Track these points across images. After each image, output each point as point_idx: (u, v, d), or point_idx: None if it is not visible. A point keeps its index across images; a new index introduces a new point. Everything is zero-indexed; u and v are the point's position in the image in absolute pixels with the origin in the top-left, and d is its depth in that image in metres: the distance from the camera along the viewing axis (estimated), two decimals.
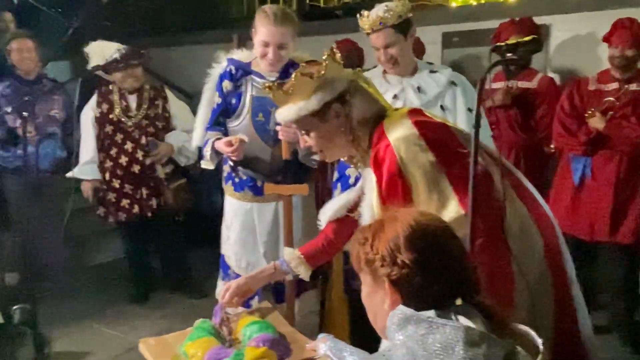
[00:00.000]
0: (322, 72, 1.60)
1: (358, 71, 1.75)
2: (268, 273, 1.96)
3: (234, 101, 2.64)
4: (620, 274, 3.26)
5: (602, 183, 3.12)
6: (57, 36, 6.18)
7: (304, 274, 1.94)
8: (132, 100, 3.67)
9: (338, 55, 1.65)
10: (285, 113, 1.68)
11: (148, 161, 3.62)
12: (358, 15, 2.40)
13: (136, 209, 3.65)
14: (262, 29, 2.47)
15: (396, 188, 1.55)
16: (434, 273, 1.06)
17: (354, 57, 4.05)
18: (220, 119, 2.68)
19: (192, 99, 4.88)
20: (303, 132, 1.71)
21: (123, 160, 3.61)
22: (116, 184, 3.64)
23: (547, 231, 1.68)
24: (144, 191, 3.64)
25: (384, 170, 1.57)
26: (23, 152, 3.41)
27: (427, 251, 1.07)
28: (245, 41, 5.38)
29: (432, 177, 1.54)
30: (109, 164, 3.64)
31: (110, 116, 3.63)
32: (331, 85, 1.62)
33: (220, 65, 2.71)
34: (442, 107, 2.36)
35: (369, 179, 1.66)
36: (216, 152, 2.60)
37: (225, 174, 2.81)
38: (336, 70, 1.64)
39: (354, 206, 1.84)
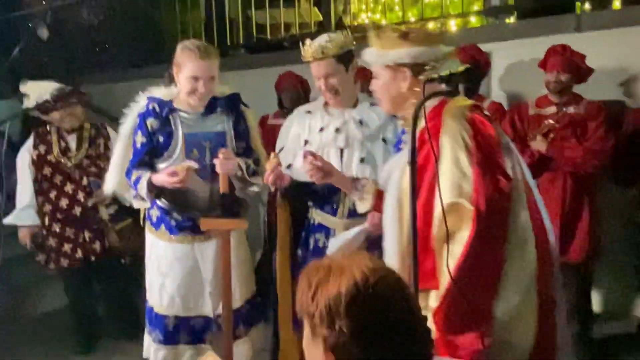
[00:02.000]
0: (421, 33, 1.80)
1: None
2: (343, 179, 2.15)
3: (161, 139, 2.55)
4: (573, 293, 3.28)
5: (549, 204, 3.15)
6: None
7: (364, 206, 2.08)
8: (72, 140, 3.57)
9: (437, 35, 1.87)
10: (366, 55, 1.87)
11: (90, 203, 3.50)
12: (301, 44, 2.38)
13: (79, 253, 3.51)
14: (190, 64, 2.45)
15: (427, 153, 1.65)
16: (375, 344, 0.98)
17: (298, 89, 4.04)
18: (145, 159, 2.57)
19: None
20: (374, 77, 1.88)
21: (63, 203, 3.49)
22: (57, 228, 3.51)
23: (543, 247, 1.72)
24: (87, 234, 3.51)
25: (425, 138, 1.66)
26: None
27: (369, 320, 0.98)
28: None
29: (460, 158, 1.64)
30: (48, 207, 3.51)
31: (49, 157, 3.52)
32: (413, 49, 1.76)
33: (138, 104, 2.63)
34: (384, 139, 2.34)
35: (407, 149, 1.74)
36: (150, 189, 2.50)
37: (154, 220, 2.68)
38: (427, 42, 1.78)
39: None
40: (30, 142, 3.57)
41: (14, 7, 7.03)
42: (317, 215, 2.41)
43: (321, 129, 2.36)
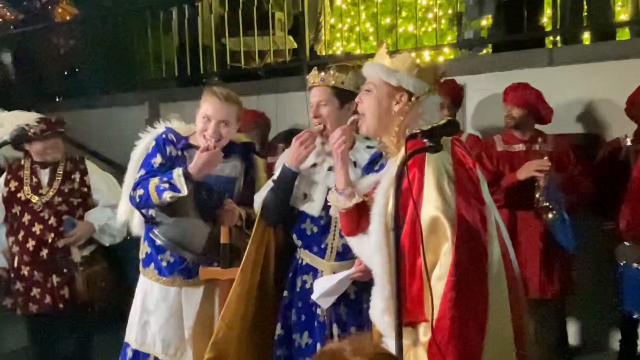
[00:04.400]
0: (427, 68, 1.86)
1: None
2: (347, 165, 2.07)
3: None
4: (551, 328, 3.26)
5: (529, 241, 3.14)
6: None
7: (345, 204, 2.02)
8: (44, 175, 3.28)
9: (441, 72, 1.92)
10: (373, 67, 1.89)
11: (61, 244, 3.19)
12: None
13: (48, 299, 3.21)
14: (206, 104, 2.48)
15: (412, 180, 1.69)
16: None
17: (261, 125, 4.02)
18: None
19: (118, 170, 4.61)
20: (366, 89, 1.90)
21: (30, 244, 3.20)
22: (25, 271, 3.22)
23: (512, 283, 1.75)
24: (55, 279, 3.21)
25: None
26: None
27: None
28: (156, 107, 5.27)
29: (444, 186, 1.68)
30: (16, 248, 3.23)
31: (19, 195, 3.24)
32: (418, 82, 1.83)
33: (155, 131, 2.61)
34: (354, 163, 2.27)
35: (391, 170, 1.77)
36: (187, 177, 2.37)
37: (144, 256, 2.62)
38: (429, 78, 1.86)
39: (371, 192, 1.94)
40: (2, 178, 3.33)
41: None
42: (305, 256, 2.34)
43: (314, 165, 2.30)
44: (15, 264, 3.25)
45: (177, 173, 2.38)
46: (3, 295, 3.33)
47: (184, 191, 2.36)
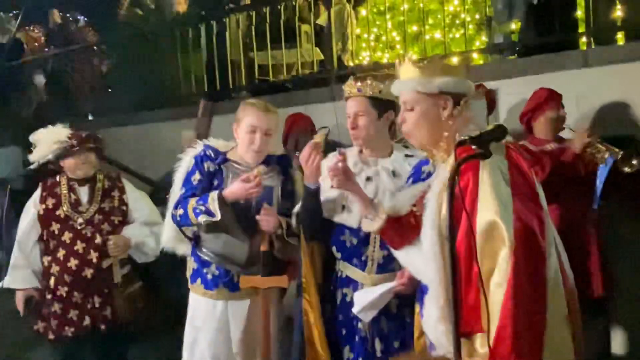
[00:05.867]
0: (459, 65, 1.84)
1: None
2: (361, 192, 2.10)
3: (216, 183, 2.55)
4: (591, 335, 3.16)
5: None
6: None
7: (371, 226, 2.03)
8: (83, 192, 3.19)
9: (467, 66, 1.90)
10: (405, 82, 1.85)
11: (106, 264, 3.11)
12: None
13: (87, 321, 3.09)
14: (249, 117, 2.51)
15: (467, 183, 1.65)
16: None
17: (308, 131, 3.98)
18: (197, 194, 2.52)
19: (155, 187, 4.68)
20: (407, 107, 1.84)
21: (73, 263, 3.07)
22: (63, 292, 3.08)
23: (570, 295, 1.70)
24: (97, 299, 3.10)
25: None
26: None
27: None
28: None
29: (500, 190, 1.63)
30: (55, 268, 3.09)
31: (57, 212, 3.14)
32: (458, 81, 1.80)
33: (194, 150, 2.65)
34: (393, 172, 2.28)
35: (442, 174, 1.74)
36: (221, 203, 2.41)
37: (191, 272, 2.65)
38: (464, 76, 1.84)
39: (420, 200, 1.91)
40: (37, 195, 3.21)
41: (16, 56, 7.09)
42: (345, 268, 2.32)
43: None
44: (52, 285, 3.11)
45: (212, 197, 2.42)
46: (35, 318, 3.18)
47: (218, 216, 2.41)
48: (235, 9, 5.73)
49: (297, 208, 2.42)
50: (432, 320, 1.70)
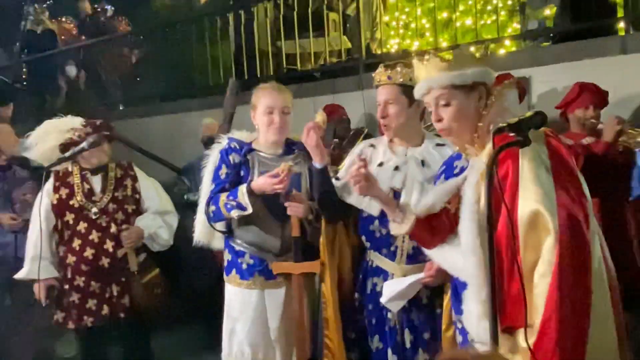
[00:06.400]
0: (486, 54, 1.83)
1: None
2: (386, 197, 2.06)
3: (242, 173, 2.58)
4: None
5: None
6: (27, 114, 6.09)
7: (400, 229, 1.97)
8: (96, 182, 3.16)
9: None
10: (437, 78, 1.78)
11: (120, 252, 3.10)
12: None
13: (106, 310, 3.08)
14: (265, 98, 2.56)
15: (506, 172, 1.62)
16: None
17: (344, 120, 3.97)
18: (227, 187, 2.55)
19: (180, 174, 4.75)
20: (442, 103, 1.79)
21: (89, 252, 3.05)
22: (80, 281, 3.07)
23: (612, 286, 1.65)
24: (115, 288, 3.09)
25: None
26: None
27: None
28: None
29: (542, 177, 1.59)
30: (72, 258, 3.08)
31: (71, 202, 3.10)
32: (486, 70, 1.79)
33: (219, 145, 2.69)
34: (422, 162, 2.24)
35: (478, 166, 1.71)
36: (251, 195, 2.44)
37: (226, 265, 2.68)
38: (489, 65, 1.84)
39: (454, 197, 1.86)
40: (49, 185, 3.13)
41: (49, 47, 7.22)
42: (374, 258, 2.30)
43: (380, 164, 2.27)
44: (69, 275, 3.10)
45: (242, 191, 2.44)
46: (55, 309, 3.16)
47: (250, 209, 2.43)
48: None
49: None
50: (474, 316, 1.65)
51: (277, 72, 5.46)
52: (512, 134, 1.44)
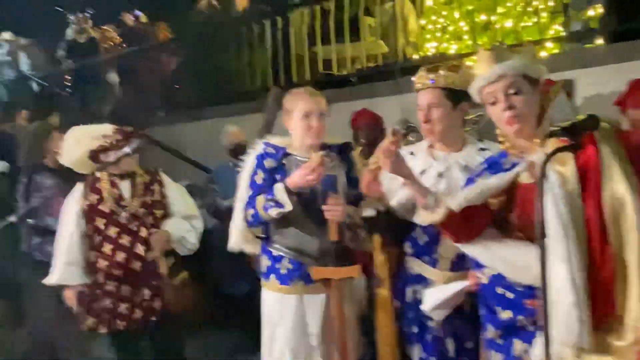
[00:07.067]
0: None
1: None
2: (417, 179, 1.99)
3: (278, 178, 2.54)
4: None
5: None
6: (74, 121, 6.26)
7: (429, 218, 1.91)
8: (125, 187, 3.18)
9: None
10: (512, 64, 1.76)
11: (151, 256, 3.11)
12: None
13: (138, 313, 3.09)
14: (301, 103, 2.50)
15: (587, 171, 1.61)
16: None
17: (375, 126, 3.92)
18: (263, 192, 2.53)
19: (210, 173, 4.83)
20: (512, 92, 1.75)
21: (120, 257, 3.08)
22: (112, 286, 3.09)
23: None
24: (146, 292, 3.10)
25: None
26: None
27: None
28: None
29: (625, 165, 1.60)
30: (103, 263, 3.10)
31: (101, 208, 3.13)
32: (545, 72, 1.79)
33: (254, 151, 2.66)
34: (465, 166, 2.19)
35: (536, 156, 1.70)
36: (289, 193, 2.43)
37: (265, 271, 2.65)
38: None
39: (497, 194, 1.83)
40: (78, 191, 3.17)
41: (92, 55, 7.41)
42: (416, 265, 2.26)
43: (422, 172, 2.21)
44: (101, 280, 3.10)
45: (278, 189, 2.41)
46: (85, 315, 3.14)
47: (289, 206, 2.40)
48: (299, 3, 5.74)
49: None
50: (565, 305, 1.57)
51: (314, 78, 5.47)
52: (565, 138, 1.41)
